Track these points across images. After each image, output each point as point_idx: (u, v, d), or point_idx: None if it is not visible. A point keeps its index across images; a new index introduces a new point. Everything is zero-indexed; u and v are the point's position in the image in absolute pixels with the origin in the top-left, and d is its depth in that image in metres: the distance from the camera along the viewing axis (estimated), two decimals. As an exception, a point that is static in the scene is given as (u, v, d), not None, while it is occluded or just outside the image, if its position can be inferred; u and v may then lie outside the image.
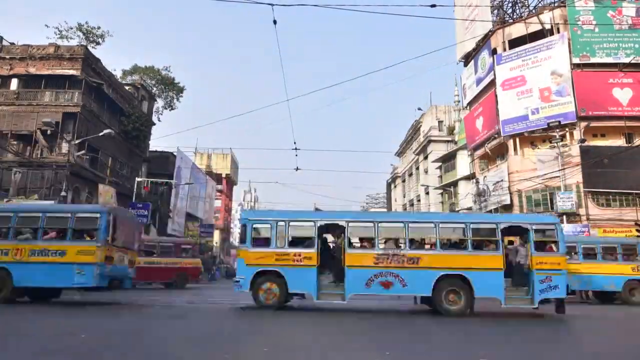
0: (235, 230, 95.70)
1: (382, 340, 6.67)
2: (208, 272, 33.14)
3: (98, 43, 36.34)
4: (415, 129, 53.85)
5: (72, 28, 35.59)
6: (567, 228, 24.11)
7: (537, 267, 10.07)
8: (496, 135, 30.11)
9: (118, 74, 37.63)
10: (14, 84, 27.52)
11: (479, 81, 32.82)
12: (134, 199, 29.93)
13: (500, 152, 31.15)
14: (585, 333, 8.53)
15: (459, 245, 10.69)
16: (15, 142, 26.39)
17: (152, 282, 21.10)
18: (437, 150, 44.07)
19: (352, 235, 10.76)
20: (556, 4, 29.66)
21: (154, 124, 39.15)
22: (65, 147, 24.38)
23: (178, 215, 39.26)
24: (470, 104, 35.59)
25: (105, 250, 10.77)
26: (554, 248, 10.59)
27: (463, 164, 38.18)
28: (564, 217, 24.95)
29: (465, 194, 36.19)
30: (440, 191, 42.49)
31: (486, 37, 31.51)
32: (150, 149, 37.67)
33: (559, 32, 27.95)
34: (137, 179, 31.02)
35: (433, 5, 11.31)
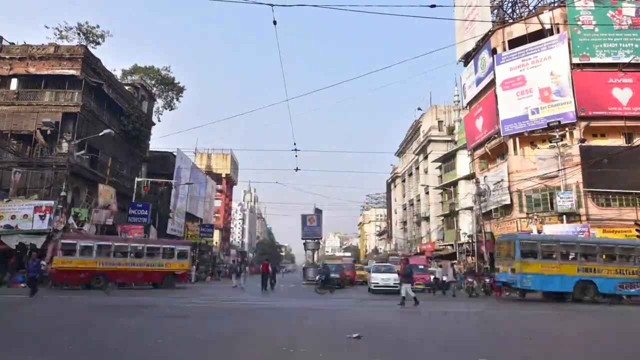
0: (235, 230, 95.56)
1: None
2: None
3: (98, 43, 36.31)
4: (415, 129, 53.82)
5: (71, 28, 35.55)
6: (567, 228, 24.11)
7: None
8: (496, 135, 30.09)
9: (118, 74, 37.62)
10: (13, 84, 27.49)
11: (478, 81, 32.80)
12: (134, 199, 29.91)
13: (500, 152, 31.14)
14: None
15: None
16: (15, 142, 26.36)
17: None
18: (437, 150, 44.04)
19: None
20: (556, 4, 29.63)
21: (154, 124, 39.15)
22: (65, 147, 24.35)
23: (178, 215, 39.22)
24: (470, 103, 35.57)
25: None
26: None
27: (463, 163, 38.14)
28: (564, 217, 24.93)
29: (465, 193, 36.15)
30: (440, 191, 42.46)
31: (486, 37, 31.48)
32: (150, 149, 37.65)
33: (558, 32, 27.91)
34: (137, 179, 30.99)
35: (433, 6, 11.29)
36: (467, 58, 34.64)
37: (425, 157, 47.17)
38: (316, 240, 38.57)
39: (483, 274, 23.65)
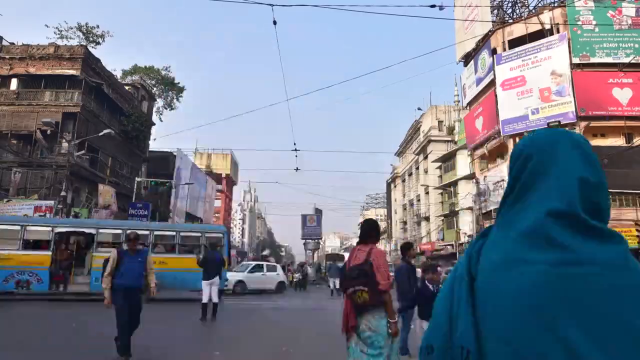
0: (235, 230, 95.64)
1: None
2: None
3: (98, 43, 36.36)
4: (415, 129, 53.86)
5: (72, 28, 35.61)
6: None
7: None
8: (496, 135, 30.09)
9: (118, 74, 37.66)
10: (14, 84, 27.50)
11: (478, 81, 32.80)
12: (134, 199, 29.92)
13: (500, 152, 31.14)
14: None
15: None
16: (15, 142, 26.38)
17: None
18: (437, 150, 44.05)
19: None
20: (556, 4, 29.63)
21: (154, 124, 39.18)
22: (65, 147, 24.37)
23: (178, 215, 39.21)
24: (470, 103, 35.57)
25: None
26: None
27: (463, 163, 38.16)
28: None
29: (465, 193, 36.19)
30: (440, 191, 42.48)
31: (486, 37, 31.48)
32: (150, 149, 37.67)
33: (558, 32, 27.91)
34: (137, 179, 31.00)
35: (433, 6, 11.32)
36: (467, 58, 34.64)
37: (425, 157, 47.18)
38: (316, 240, 38.64)
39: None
